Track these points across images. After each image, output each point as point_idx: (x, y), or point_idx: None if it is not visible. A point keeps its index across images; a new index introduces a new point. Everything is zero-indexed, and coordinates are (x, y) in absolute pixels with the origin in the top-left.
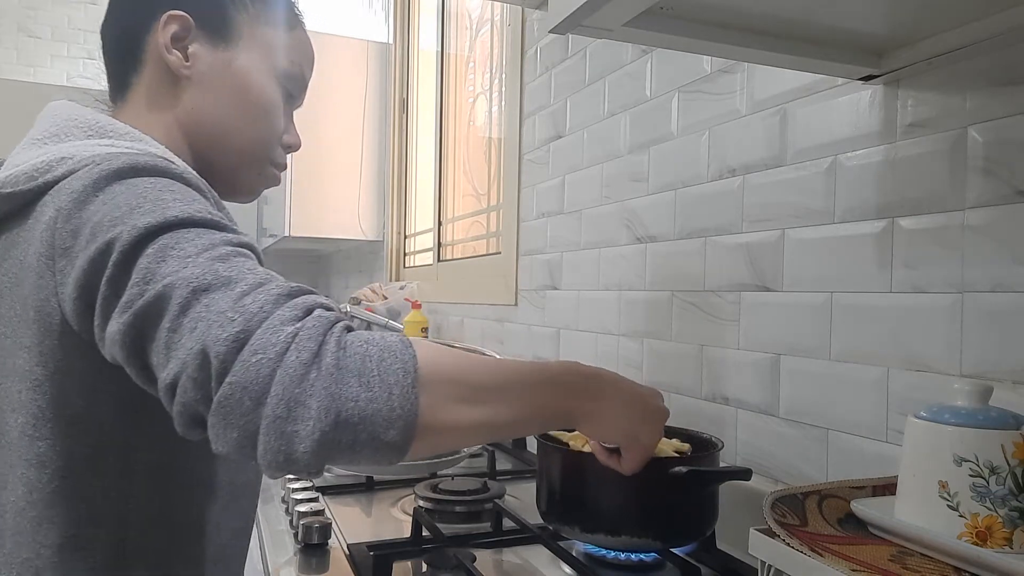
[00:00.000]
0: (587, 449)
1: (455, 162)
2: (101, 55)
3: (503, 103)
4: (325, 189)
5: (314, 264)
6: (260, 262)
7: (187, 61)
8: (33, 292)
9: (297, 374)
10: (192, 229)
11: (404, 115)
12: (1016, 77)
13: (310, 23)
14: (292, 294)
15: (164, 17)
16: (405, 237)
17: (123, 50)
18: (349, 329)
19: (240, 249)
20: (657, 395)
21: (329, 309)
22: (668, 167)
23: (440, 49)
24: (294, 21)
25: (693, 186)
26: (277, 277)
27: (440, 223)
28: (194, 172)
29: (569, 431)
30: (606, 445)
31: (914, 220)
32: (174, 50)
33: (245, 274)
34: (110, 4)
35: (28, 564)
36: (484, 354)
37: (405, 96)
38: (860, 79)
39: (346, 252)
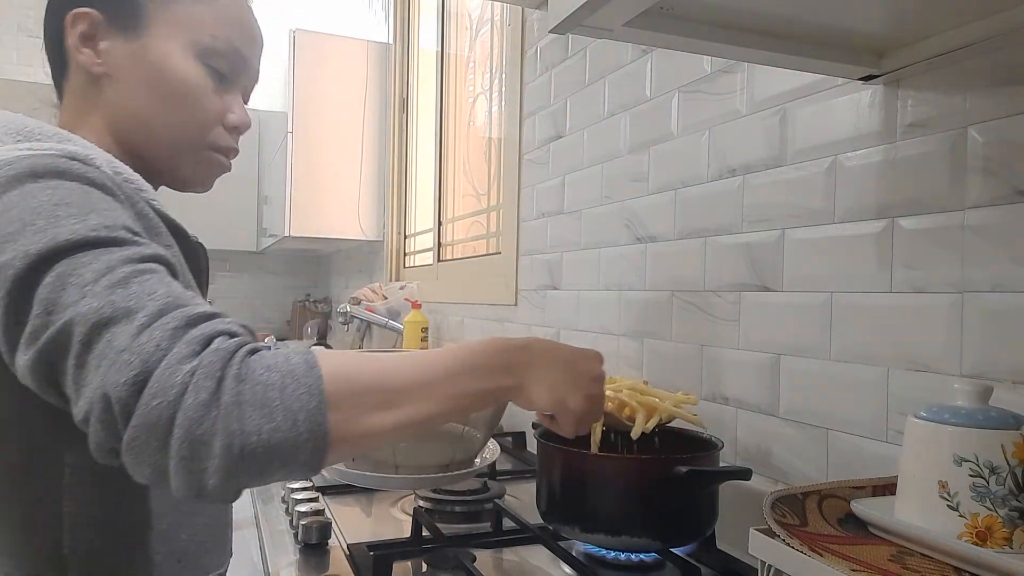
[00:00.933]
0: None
1: (455, 162)
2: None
3: (503, 103)
4: (325, 189)
5: (314, 264)
6: (170, 268)
7: (99, 58)
8: None
9: (197, 416)
10: (88, 252)
11: (404, 115)
12: (1016, 77)
13: (310, 23)
14: (191, 323)
15: (70, 17)
16: (405, 237)
17: (51, 54)
18: (254, 352)
19: (140, 267)
20: (591, 358)
21: (233, 335)
22: (668, 167)
23: (440, 49)
24: None
25: (693, 186)
26: (180, 297)
27: (440, 223)
28: (113, 167)
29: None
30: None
31: (914, 220)
32: (84, 49)
33: (144, 301)
34: (44, 13)
35: None
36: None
37: (405, 96)
38: (860, 79)
39: (346, 252)
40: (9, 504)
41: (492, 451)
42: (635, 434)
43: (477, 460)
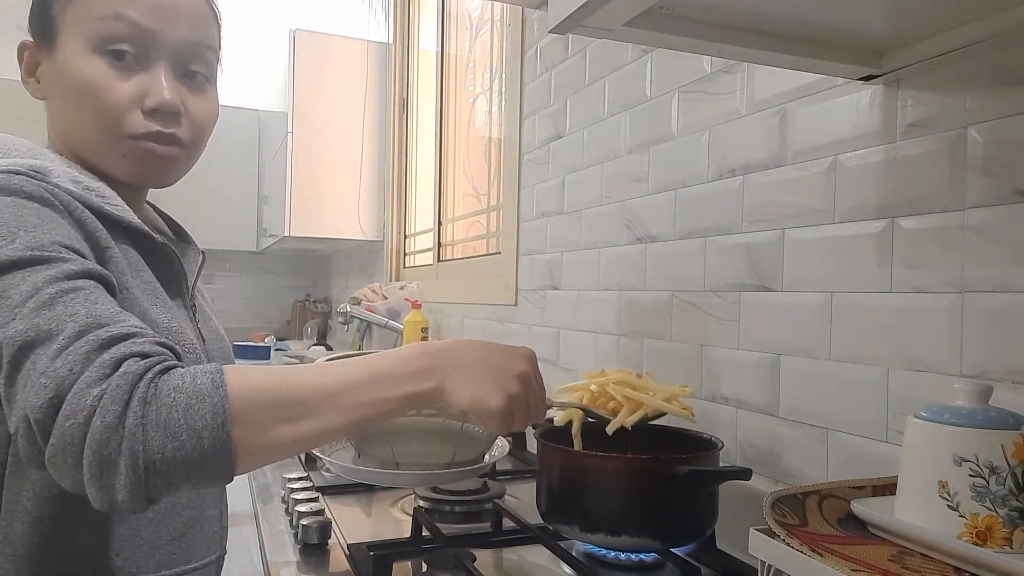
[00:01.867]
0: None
1: (455, 162)
2: None
3: (503, 103)
4: (325, 189)
5: (314, 264)
6: (103, 281)
7: (39, 83)
8: None
9: (103, 438)
10: (17, 272)
11: (404, 115)
12: (1016, 77)
13: (310, 23)
14: (103, 346)
15: (18, 52)
16: (405, 237)
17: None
18: (166, 371)
19: (67, 285)
20: (514, 356)
21: (145, 355)
22: (668, 167)
23: (440, 49)
24: None
25: (693, 186)
26: (101, 316)
27: (440, 223)
28: (65, 183)
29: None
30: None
31: (914, 220)
32: (29, 80)
33: (65, 324)
34: None
35: None
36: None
37: (405, 96)
38: (860, 79)
39: (346, 252)
40: None
41: (501, 448)
42: (611, 428)
43: (486, 457)
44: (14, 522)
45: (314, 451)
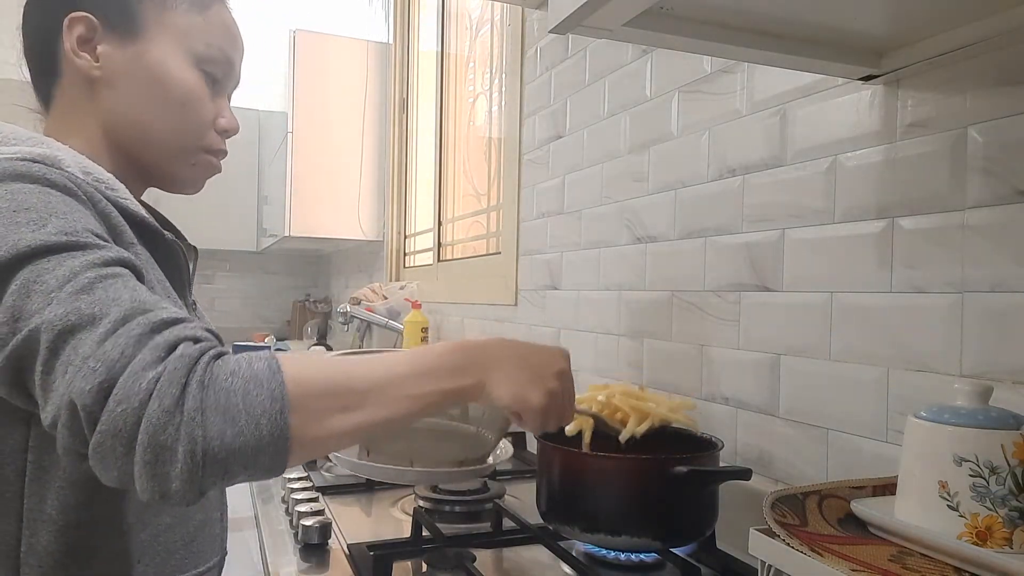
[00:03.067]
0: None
1: (455, 162)
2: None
3: (503, 103)
4: (325, 189)
5: (314, 264)
6: (134, 271)
7: (97, 62)
8: None
9: (161, 422)
10: (51, 258)
11: (404, 115)
12: (1016, 77)
13: (310, 23)
14: (155, 329)
15: (67, 20)
16: (405, 237)
17: (39, 64)
18: (219, 357)
19: (105, 271)
20: (550, 353)
21: (197, 340)
22: (668, 167)
23: (440, 49)
24: (207, 1)
25: (693, 186)
26: (145, 302)
27: (440, 223)
28: (76, 173)
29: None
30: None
31: (914, 220)
32: (82, 53)
33: (109, 307)
34: (23, 21)
35: None
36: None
37: (405, 96)
38: (860, 79)
39: (346, 252)
40: None
41: (504, 451)
42: (623, 437)
43: (490, 459)
44: (38, 531)
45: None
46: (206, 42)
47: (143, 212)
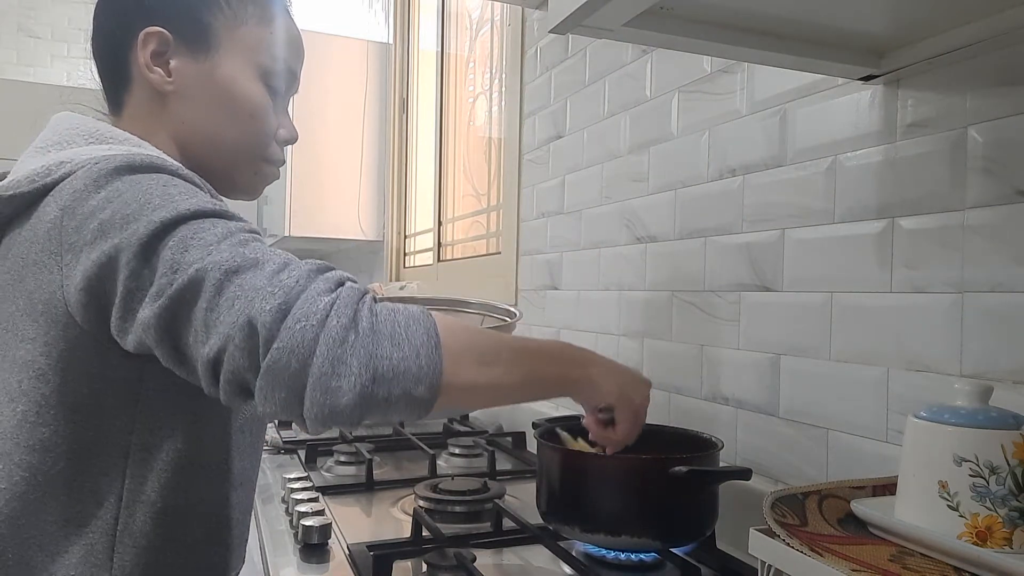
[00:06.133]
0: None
1: (455, 162)
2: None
3: (503, 103)
4: (325, 189)
5: None
6: None
7: (169, 77)
8: (37, 287)
9: (339, 336)
10: (206, 219)
11: (404, 115)
12: (1016, 77)
13: (310, 23)
14: (321, 270)
15: (141, 35)
16: (405, 237)
17: (111, 70)
18: (375, 300)
19: (255, 235)
20: (645, 380)
21: (355, 283)
22: (668, 167)
23: (440, 49)
24: (274, 13)
25: (693, 186)
26: (296, 258)
27: (440, 223)
28: (189, 171)
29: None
30: (600, 415)
31: (914, 220)
32: (156, 68)
33: (270, 255)
34: (94, 25)
35: (31, 541)
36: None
37: (405, 96)
38: (860, 79)
39: (346, 252)
40: (81, 479)
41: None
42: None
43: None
44: (136, 512)
45: None
46: (272, 56)
47: None
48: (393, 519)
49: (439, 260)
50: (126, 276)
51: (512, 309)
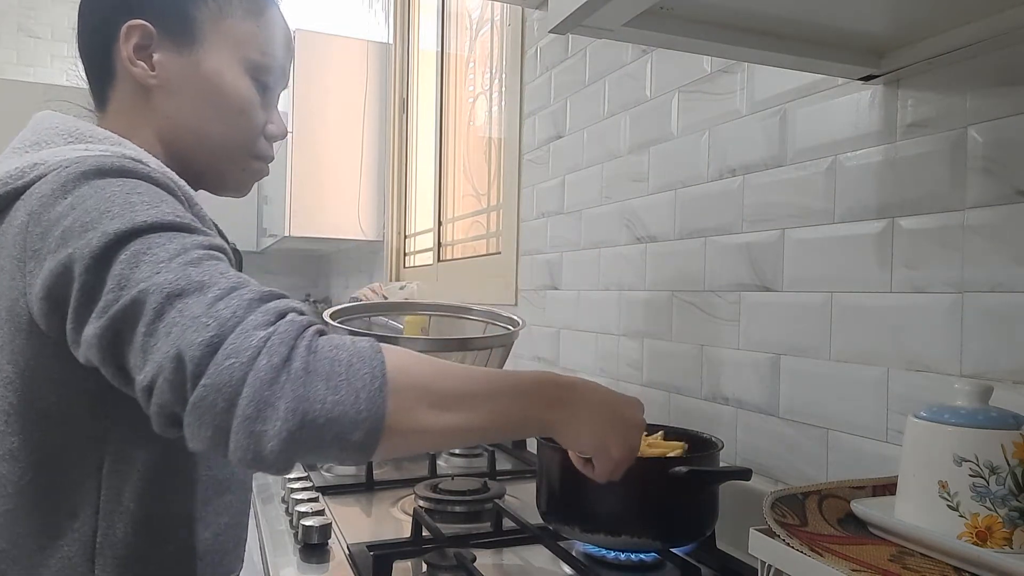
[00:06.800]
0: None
1: (455, 162)
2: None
3: (503, 103)
4: (325, 189)
5: (314, 264)
6: (231, 262)
7: (153, 70)
8: (5, 293)
9: (268, 377)
10: (163, 233)
11: (404, 115)
12: (1016, 77)
13: (310, 23)
14: (264, 299)
15: (124, 28)
16: (405, 237)
17: (96, 65)
18: (322, 333)
19: (211, 252)
20: (634, 405)
21: (301, 313)
22: (668, 167)
23: (440, 49)
24: (261, 7)
25: (693, 186)
26: (249, 281)
27: (440, 223)
28: (166, 172)
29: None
30: (580, 454)
31: (914, 220)
32: (139, 61)
33: (217, 278)
34: (79, 21)
35: (4, 555)
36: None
37: (405, 96)
38: (860, 79)
39: (346, 252)
40: (54, 489)
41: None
42: None
43: None
44: (115, 523)
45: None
46: (260, 50)
47: (209, 217)
48: (393, 519)
49: (439, 260)
50: (77, 288)
51: (515, 318)
